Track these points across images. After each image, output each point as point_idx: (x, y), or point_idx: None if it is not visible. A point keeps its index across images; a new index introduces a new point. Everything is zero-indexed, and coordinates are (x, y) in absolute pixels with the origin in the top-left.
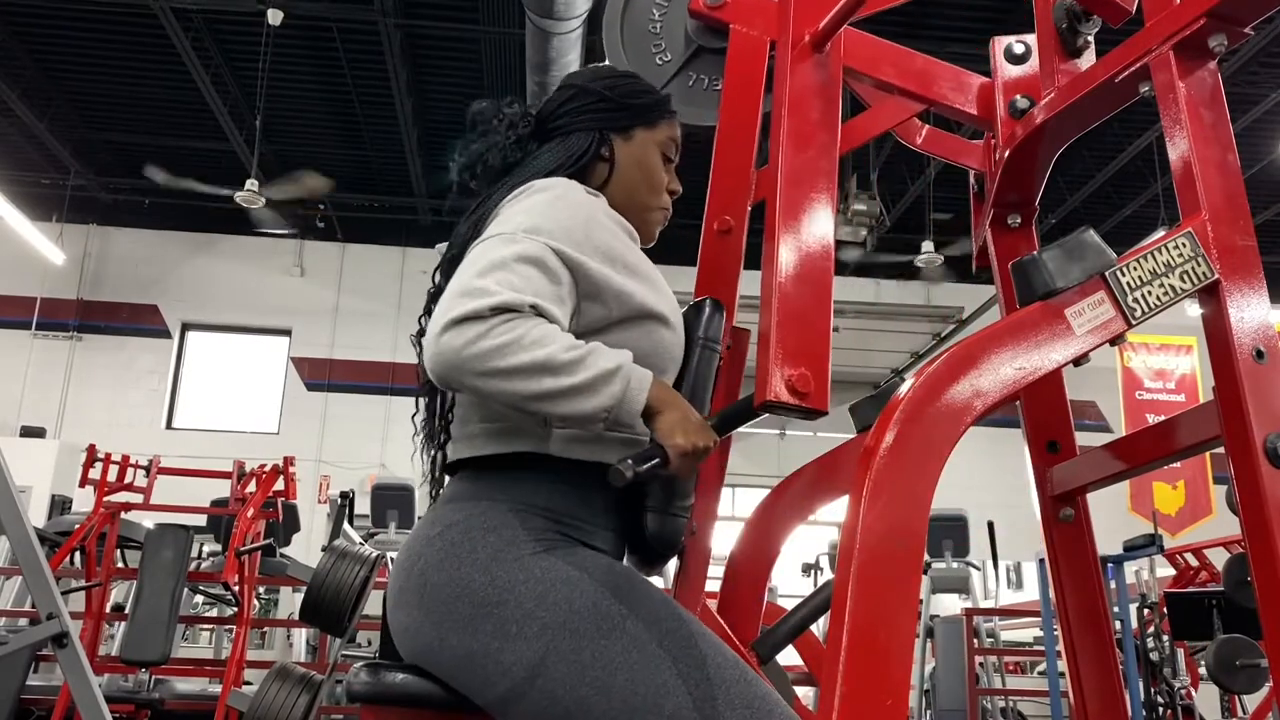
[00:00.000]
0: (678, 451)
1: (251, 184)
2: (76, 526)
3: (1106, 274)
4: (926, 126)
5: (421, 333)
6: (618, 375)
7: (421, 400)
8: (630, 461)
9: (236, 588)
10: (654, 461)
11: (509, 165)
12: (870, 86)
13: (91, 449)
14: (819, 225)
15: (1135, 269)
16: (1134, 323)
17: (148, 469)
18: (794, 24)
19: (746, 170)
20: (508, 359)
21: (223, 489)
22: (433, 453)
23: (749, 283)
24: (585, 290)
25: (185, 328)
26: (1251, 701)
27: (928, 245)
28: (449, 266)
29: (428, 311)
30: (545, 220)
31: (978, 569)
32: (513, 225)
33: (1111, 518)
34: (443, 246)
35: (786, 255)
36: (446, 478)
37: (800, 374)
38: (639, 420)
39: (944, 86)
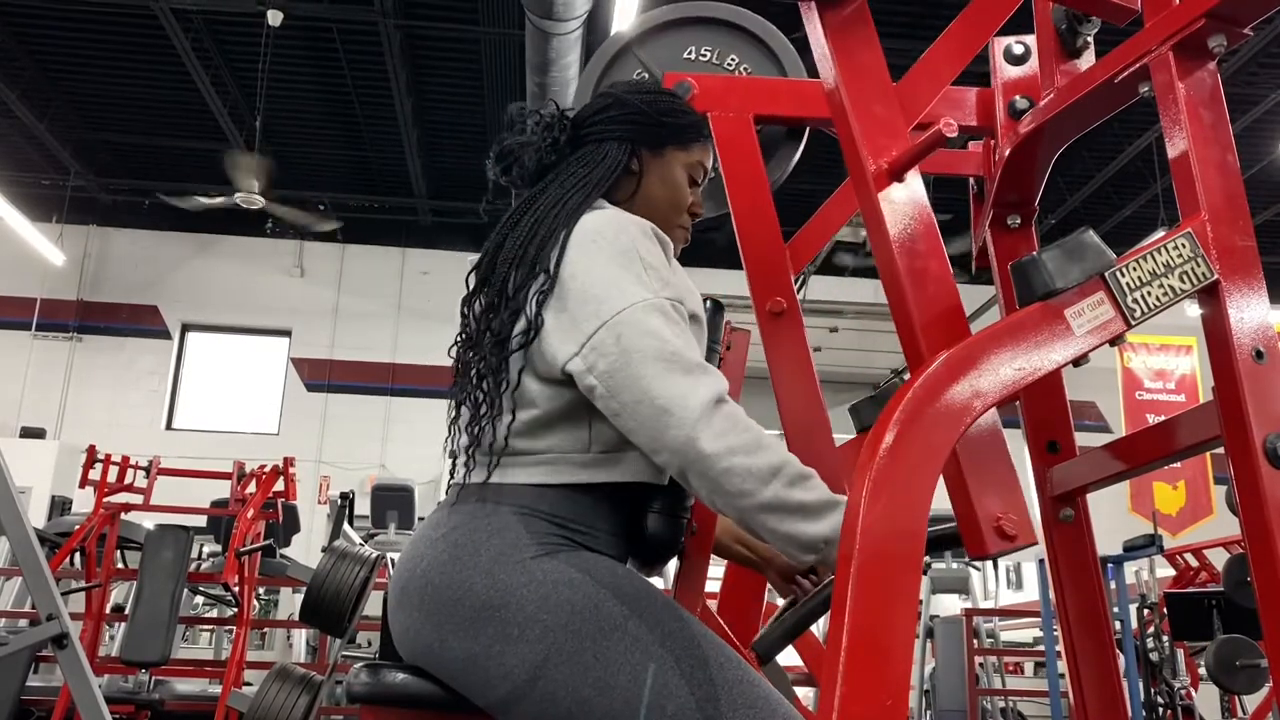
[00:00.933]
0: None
1: (251, 184)
2: (76, 527)
3: (1106, 274)
4: None
5: (470, 340)
6: (840, 504)
7: (466, 409)
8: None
9: (236, 588)
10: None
11: (544, 167)
12: None
13: (91, 450)
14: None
15: (1135, 269)
16: (1133, 323)
17: (148, 470)
18: (869, 158)
19: (778, 247)
20: (753, 458)
21: (223, 490)
22: (467, 465)
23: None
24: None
25: (185, 328)
26: (1251, 702)
27: None
28: (490, 271)
29: (487, 329)
30: (657, 271)
31: (978, 569)
32: (641, 291)
33: (1112, 518)
34: (459, 254)
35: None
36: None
37: (1007, 518)
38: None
39: (940, 108)
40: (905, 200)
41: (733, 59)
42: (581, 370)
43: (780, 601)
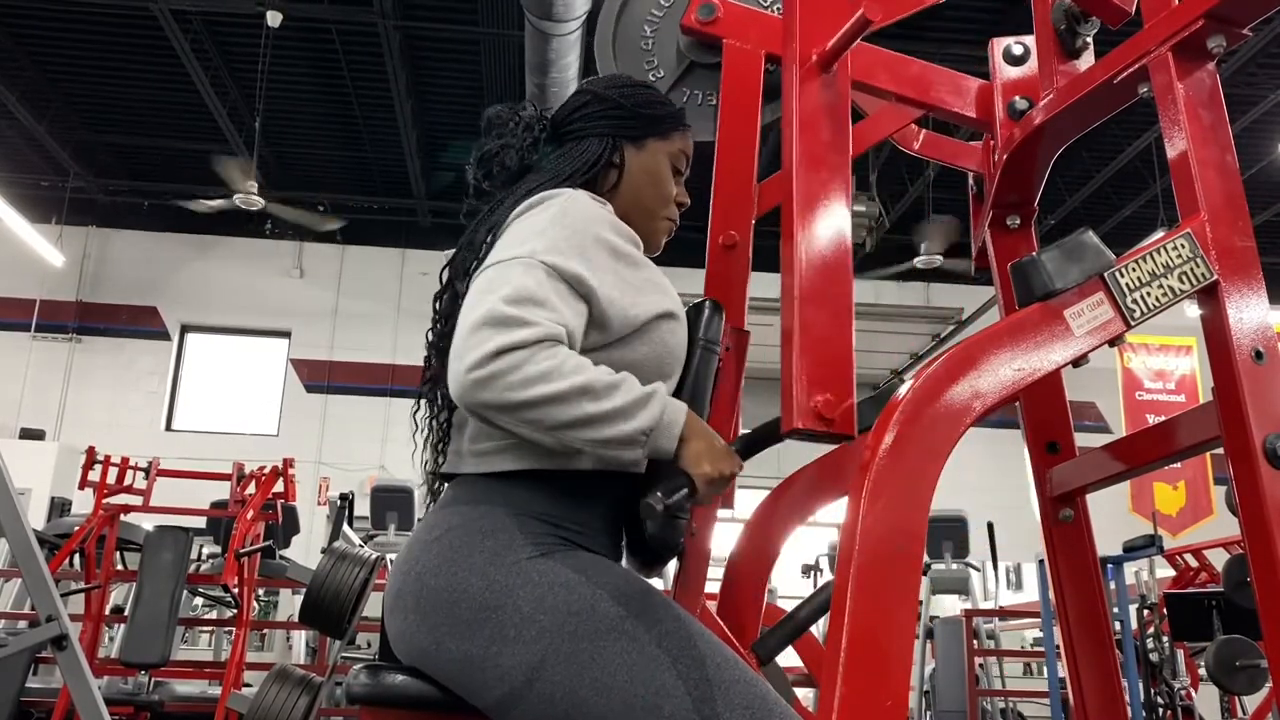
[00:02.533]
0: (704, 479)
1: (251, 186)
2: (76, 529)
3: (1105, 275)
4: (924, 131)
5: (442, 338)
6: (654, 398)
7: (424, 402)
8: (659, 494)
9: (236, 590)
10: (682, 492)
11: (525, 167)
12: (867, 94)
13: (91, 451)
14: (836, 248)
15: (1134, 270)
16: (1133, 324)
17: (147, 471)
18: (800, 44)
19: (748, 184)
20: (552, 384)
21: (222, 491)
22: (433, 458)
23: (755, 285)
24: (597, 310)
25: (184, 329)
26: (1251, 702)
27: (926, 246)
28: (461, 267)
29: (444, 317)
30: (559, 240)
31: (977, 570)
32: (528, 248)
33: (1112, 518)
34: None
35: (805, 280)
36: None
37: (826, 400)
38: (675, 444)
39: (942, 91)
40: (825, 101)
41: None
42: None
43: (783, 605)
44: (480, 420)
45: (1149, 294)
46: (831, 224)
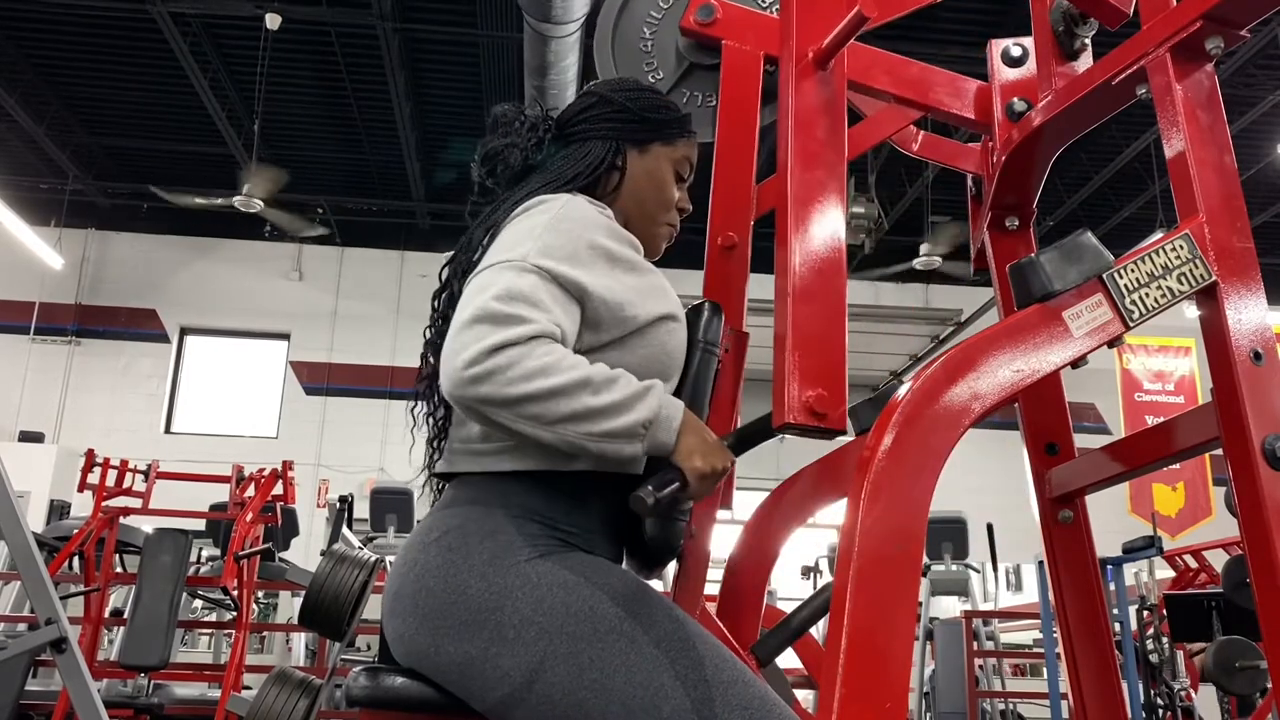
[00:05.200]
0: (696, 474)
1: (250, 188)
2: (75, 531)
3: (1104, 276)
4: (922, 132)
5: (439, 336)
6: (652, 391)
7: (422, 402)
8: (650, 488)
9: (235, 592)
10: (673, 486)
11: (529, 167)
12: (866, 96)
13: (90, 454)
14: (830, 245)
15: (1133, 271)
16: (1132, 325)
17: (146, 473)
18: (796, 42)
19: (747, 185)
20: (551, 378)
21: (221, 493)
22: (429, 456)
23: (754, 286)
24: (591, 313)
25: (184, 332)
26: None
27: (926, 247)
28: (459, 267)
29: (442, 316)
30: (553, 244)
31: (977, 571)
32: (521, 251)
33: (1112, 520)
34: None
35: (799, 275)
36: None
37: (818, 394)
38: (674, 438)
39: (940, 92)
40: (821, 98)
41: None
42: None
43: (782, 607)
44: (476, 417)
45: (1148, 295)
46: (826, 221)
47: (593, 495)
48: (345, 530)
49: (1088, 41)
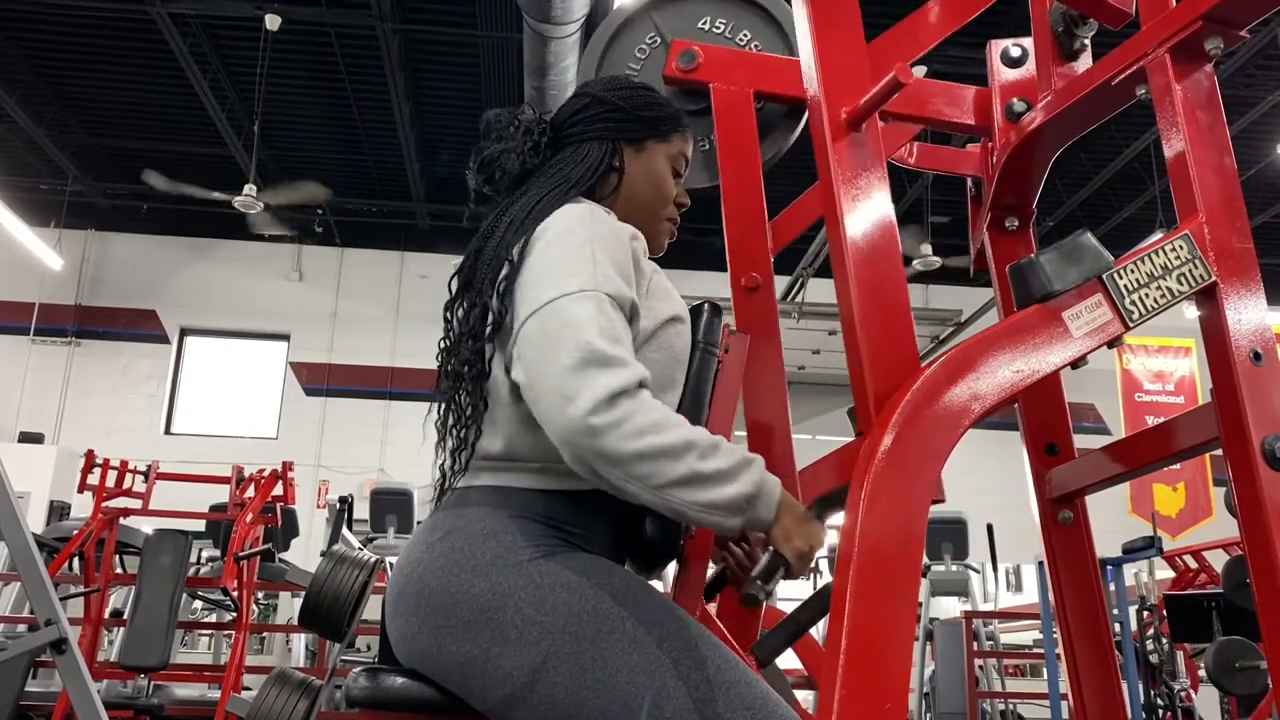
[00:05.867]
0: (797, 554)
1: (250, 189)
2: (75, 532)
3: (1104, 277)
4: (916, 145)
5: (456, 343)
6: (755, 464)
7: (443, 406)
8: (760, 581)
9: (235, 593)
10: (779, 572)
11: (526, 171)
12: None
13: (90, 454)
14: (897, 305)
15: (1132, 271)
16: (1131, 325)
17: (146, 474)
18: (827, 104)
19: (760, 224)
20: (662, 436)
21: (221, 494)
22: (451, 463)
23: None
24: (634, 329)
25: (183, 333)
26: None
27: (926, 248)
28: (489, 281)
29: (471, 334)
30: (608, 267)
31: (977, 571)
32: (585, 279)
33: (1112, 520)
34: (458, 261)
35: (872, 343)
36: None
37: None
38: (774, 514)
39: (939, 103)
40: (859, 155)
41: (745, 34)
42: (514, 360)
43: (782, 607)
44: (582, 467)
45: (1147, 295)
46: (889, 282)
47: (594, 497)
48: (345, 531)
49: (1087, 42)
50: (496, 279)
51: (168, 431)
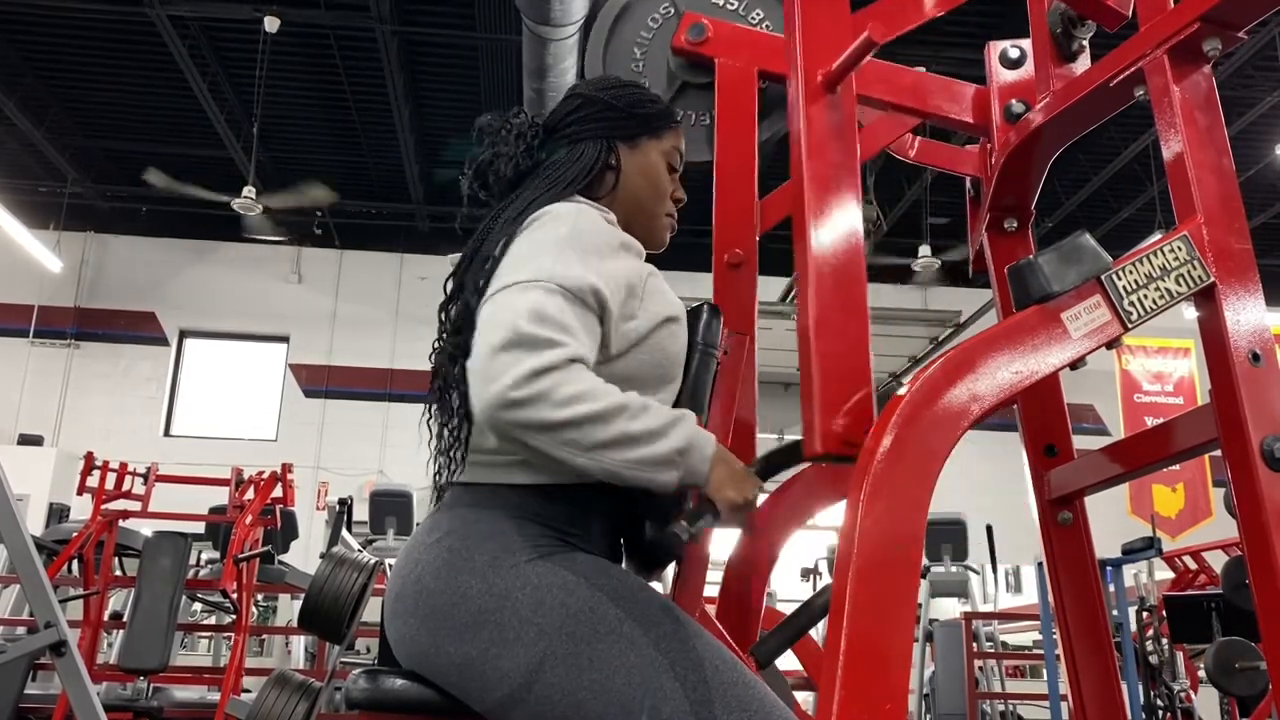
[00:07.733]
0: (729, 505)
1: (249, 191)
2: (74, 534)
3: (1103, 278)
4: (918, 138)
5: (456, 347)
6: (684, 419)
7: (434, 408)
8: (684, 523)
9: (235, 595)
10: (706, 518)
11: (520, 175)
12: (863, 105)
13: (89, 457)
14: (851, 269)
15: (1131, 272)
16: (1130, 326)
17: (145, 476)
18: (803, 65)
19: (750, 201)
20: (590, 403)
21: (221, 496)
22: (446, 465)
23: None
24: (608, 327)
25: (183, 335)
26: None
27: (925, 249)
28: (473, 282)
29: (455, 330)
30: (573, 261)
31: (977, 573)
32: (541, 269)
33: (1111, 521)
34: (454, 257)
35: (820, 302)
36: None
37: (848, 423)
38: (707, 466)
39: (938, 98)
40: (833, 118)
41: (758, 13)
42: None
43: (782, 608)
44: (511, 441)
45: (1146, 296)
46: (846, 246)
47: (595, 500)
48: (345, 533)
49: (1085, 43)
50: (481, 281)
51: (167, 433)
